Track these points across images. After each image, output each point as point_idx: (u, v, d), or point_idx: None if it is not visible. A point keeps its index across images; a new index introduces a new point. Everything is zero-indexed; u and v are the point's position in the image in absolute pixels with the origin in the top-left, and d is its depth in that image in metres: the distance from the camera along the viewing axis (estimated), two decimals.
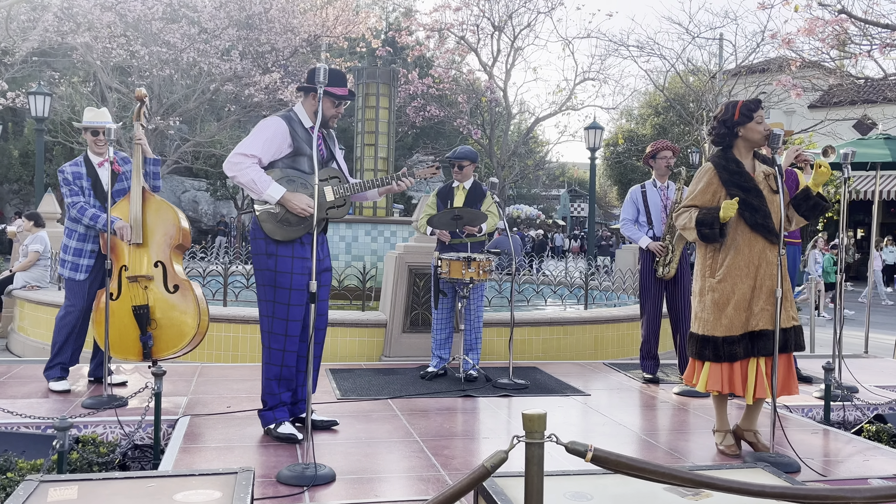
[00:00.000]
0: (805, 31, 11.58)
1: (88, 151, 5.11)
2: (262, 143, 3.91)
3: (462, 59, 20.83)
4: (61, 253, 5.06)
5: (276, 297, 3.96)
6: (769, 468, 2.99)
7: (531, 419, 2.05)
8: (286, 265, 3.95)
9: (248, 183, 3.87)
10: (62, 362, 5.04)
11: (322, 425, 4.29)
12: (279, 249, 3.95)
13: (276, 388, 4.06)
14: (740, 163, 3.94)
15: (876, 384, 5.94)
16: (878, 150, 9.65)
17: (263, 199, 3.90)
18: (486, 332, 6.68)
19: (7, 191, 27.17)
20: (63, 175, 4.98)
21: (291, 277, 3.95)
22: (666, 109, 27.41)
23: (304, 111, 4.09)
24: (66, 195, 4.96)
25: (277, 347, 4.00)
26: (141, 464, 4.19)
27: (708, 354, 3.91)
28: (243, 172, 3.86)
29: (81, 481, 2.62)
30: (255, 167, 3.89)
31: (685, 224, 3.96)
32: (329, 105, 4.06)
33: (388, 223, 9.97)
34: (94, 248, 5.00)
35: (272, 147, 3.94)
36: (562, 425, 4.59)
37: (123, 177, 5.11)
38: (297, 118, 4.05)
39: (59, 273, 5.09)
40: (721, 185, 3.91)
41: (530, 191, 44.15)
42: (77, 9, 15.40)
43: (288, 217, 3.94)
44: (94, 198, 5.00)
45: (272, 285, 3.96)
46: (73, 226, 5.01)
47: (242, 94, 16.89)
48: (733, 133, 3.95)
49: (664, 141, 5.96)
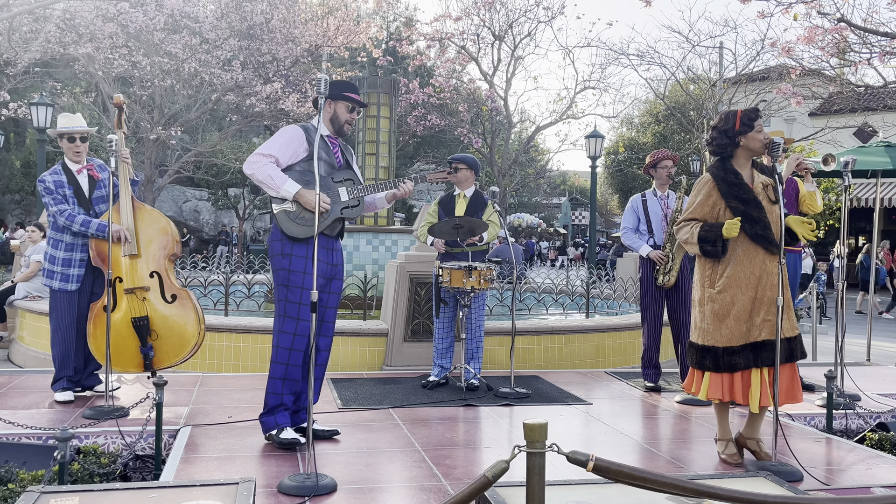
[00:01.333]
0: (805, 39, 11.60)
1: (66, 159, 5.03)
2: (279, 145, 4.06)
3: (463, 68, 20.86)
4: (47, 264, 4.93)
5: (289, 296, 4.03)
6: (771, 477, 2.99)
7: (532, 429, 2.05)
8: (300, 265, 4.03)
9: (265, 179, 3.98)
10: (67, 376, 4.99)
11: (323, 435, 4.28)
12: (294, 249, 4.04)
13: (280, 388, 4.07)
14: (739, 174, 3.93)
15: (878, 392, 5.93)
16: (878, 158, 9.65)
17: (280, 195, 3.99)
18: (487, 341, 6.68)
19: (9, 201, 27.22)
20: (44, 184, 4.87)
21: (304, 277, 4.02)
22: (666, 118, 27.46)
23: (321, 121, 4.17)
24: (51, 204, 4.86)
25: (285, 346, 4.04)
26: (142, 474, 4.19)
27: (708, 364, 3.90)
28: (261, 170, 3.98)
29: (83, 492, 2.62)
30: (272, 165, 4.01)
31: (687, 239, 3.97)
32: (344, 110, 4.21)
33: (389, 232, 9.98)
34: (83, 257, 4.92)
35: (288, 150, 4.07)
36: (563, 434, 4.58)
37: (102, 184, 5.05)
38: (314, 127, 4.19)
39: (46, 285, 4.96)
40: (720, 197, 3.91)
41: (531, 199, 44.18)
42: (79, 20, 15.46)
43: (303, 215, 4.02)
44: (77, 205, 4.93)
45: (285, 284, 4.04)
46: (58, 236, 4.92)
47: (244, 104, 16.93)
48: (734, 143, 3.95)
49: (664, 150, 5.98)
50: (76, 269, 4.93)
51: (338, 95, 4.19)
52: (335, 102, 4.22)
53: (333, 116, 4.23)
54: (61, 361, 4.95)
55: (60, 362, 4.96)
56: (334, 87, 4.17)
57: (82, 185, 4.98)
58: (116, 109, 5.05)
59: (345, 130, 4.28)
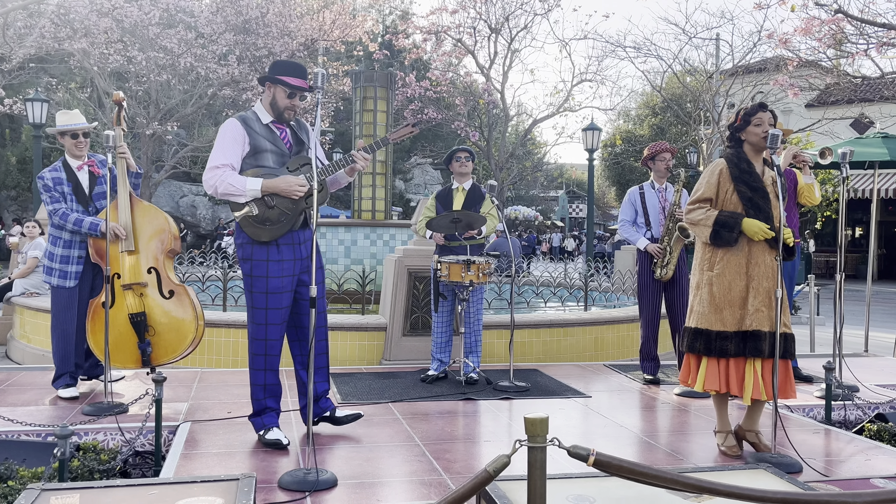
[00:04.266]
0: (802, 30, 11.60)
1: (66, 156, 5.03)
2: (224, 149, 3.89)
3: (459, 61, 20.82)
4: (46, 261, 4.95)
5: (254, 301, 3.95)
6: (771, 469, 2.99)
7: (533, 423, 2.04)
8: (261, 269, 3.91)
9: (227, 189, 3.83)
10: (69, 371, 4.99)
11: (346, 420, 4.28)
12: (254, 253, 3.92)
13: (261, 394, 4.03)
14: (751, 163, 4.03)
15: (876, 383, 5.94)
16: (875, 149, 9.67)
17: (248, 198, 3.84)
18: (486, 335, 6.68)
19: (5, 197, 27.16)
20: (43, 181, 4.88)
21: (266, 281, 3.91)
22: (663, 110, 27.44)
23: (262, 107, 4.05)
24: (47, 202, 4.87)
25: (259, 352, 3.99)
26: (142, 470, 4.18)
27: (699, 347, 3.94)
28: (220, 182, 3.83)
29: (83, 489, 2.61)
30: (229, 173, 3.85)
31: (700, 220, 3.97)
32: (282, 95, 3.96)
33: (386, 226, 9.97)
34: (81, 253, 4.93)
35: (236, 149, 3.90)
36: (563, 427, 4.59)
37: (102, 179, 5.04)
38: (253, 116, 4.01)
39: (46, 282, 4.98)
40: (730, 179, 3.98)
41: (528, 192, 44.18)
42: (73, 15, 15.40)
43: (267, 215, 3.88)
44: (77, 202, 4.93)
45: (249, 290, 3.96)
46: (57, 233, 4.93)
47: (240, 98, 16.88)
48: (737, 138, 4.09)
49: (663, 143, 5.96)
50: (74, 266, 4.93)
51: (273, 79, 3.93)
52: (273, 86, 3.96)
53: (272, 101, 3.98)
54: (61, 358, 4.95)
55: (61, 359, 4.96)
56: (273, 68, 3.93)
57: (82, 182, 4.97)
58: (116, 106, 5.02)
59: (285, 116, 4.01)
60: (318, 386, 4.19)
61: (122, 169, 4.89)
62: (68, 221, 4.82)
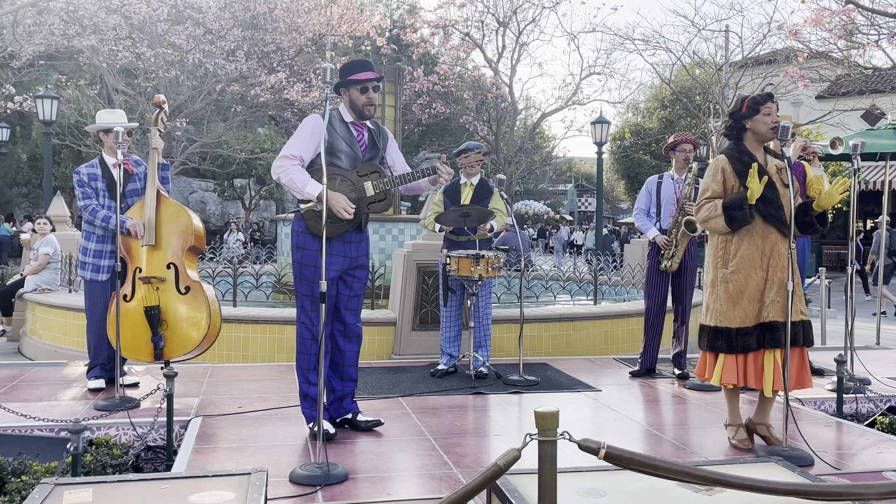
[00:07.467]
0: (812, 21, 11.52)
1: (104, 153, 5.17)
2: (300, 143, 4.00)
3: (467, 55, 20.76)
4: (80, 255, 5.09)
5: (302, 289, 4.05)
6: (782, 462, 2.98)
7: (544, 417, 2.04)
8: (311, 259, 4.01)
9: (288, 183, 3.94)
10: (101, 363, 5.13)
11: (366, 427, 4.29)
12: (307, 243, 4.03)
13: (314, 379, 4.08)
14: (753, 155, 3.95)
15: (888, 376, 5.91)
16: (887, 141, 9.58)
17: (304, 196, 3.94)
18: (495, 329, 6.68)
19: (16, 194, 27.31)
20: (79, 176, 5.04)
21: (314, 271, 4.00)
22: (672, 102, 27.30)
23: (344, 107, 4.15)
24: (79, 198, 5.02)
25: (307, 337, 4.08)
26: (154, 465, 4.21)
27: (721, 346, 3.89)
28: (284, 173, 3.94)
29: (96, 484, 2.63)
30: (296, 168, 3.95)
31: (709, 214, 3.91)
32: (357, 93, 4.07)
33: (395, 221, 9.96)
34: (113, 248, 5.04)
35: (311, 145, 4.00)
36: (573, 421, 4.59)
37: (136, 178, 5.19)
38: (337, 115, 4.12)
39: (80, 276, 5.11)
40: (735, 175, 3.92)
41: (537, 186, 44.08)
42: (82, 12, 15.43)
43: (330, 214, 3.95)
44: (109, 199, 5.05)
45: (299, 278, 4.06)
46: (90, 228, 5.06)
47: (248, 94, 16.89)
48: (741, 126, 3.98)
49: (686, 134, 5.92)
50: (107, 260, 5.04)
51: (344, 83, 4.07)
52: (347, 89, 4.10)
53: (351, 103, 4.11)
54: (96, 349, 5.09)
55: (95, 350, 5.10)
56: (340, 73, 4.05)
57: (116, 179, 5.05)
58: (156, 108, 5.15)
59: (366, 113, 4.11)
60: (347, 385, 4.28)
61: (152, 165, 4.97)
62: (97, 218, 4.94)
